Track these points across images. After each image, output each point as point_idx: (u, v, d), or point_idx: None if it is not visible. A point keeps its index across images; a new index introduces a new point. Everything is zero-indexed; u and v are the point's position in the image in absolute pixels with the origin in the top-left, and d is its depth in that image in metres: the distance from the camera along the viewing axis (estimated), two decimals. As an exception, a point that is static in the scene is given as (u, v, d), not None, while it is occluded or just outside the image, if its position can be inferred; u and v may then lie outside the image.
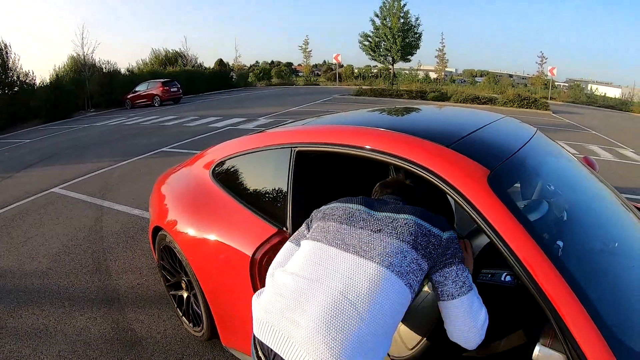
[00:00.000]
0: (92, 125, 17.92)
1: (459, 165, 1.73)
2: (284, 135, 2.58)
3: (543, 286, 1.41)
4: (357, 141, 2.04)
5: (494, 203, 1.59)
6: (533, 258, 1.46)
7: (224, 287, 2.52)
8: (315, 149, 2.25)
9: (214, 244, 2.51)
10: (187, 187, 3.10)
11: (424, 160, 1.78)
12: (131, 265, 4.27)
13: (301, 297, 1.38)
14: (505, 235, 1.51)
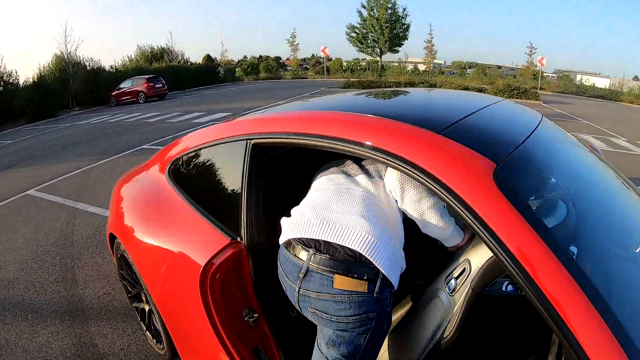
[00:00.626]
0: (75, 124, 17.65)
1: (454, 157, 1.39)
2: (239, 125, 2.23)
3: (578, 335, 1.06)
4: (319, 129, 1.73)
5: (503, 208, 1.24)
6: (561, 290, 1.12)
7: (177, 304, 2.21)
8: (273, 140, 1.91)
9: (164, 255, 2.23)
10: (142, 190, 2.83)
11: (402, 150, 1.45)
12: (99, 273, 4.05)
13: (337, 196, 1.65)
14: (522, 258, 1.17)
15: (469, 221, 1.27)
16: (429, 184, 1.37)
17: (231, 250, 1.90)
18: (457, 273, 1.65)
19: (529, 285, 1.14)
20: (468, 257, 1.63)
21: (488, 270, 1.55)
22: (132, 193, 2.91)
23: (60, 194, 6.83)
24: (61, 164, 9.35)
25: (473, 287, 1.57)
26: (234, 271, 1.90)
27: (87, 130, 15.19)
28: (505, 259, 1.19)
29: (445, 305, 1.67)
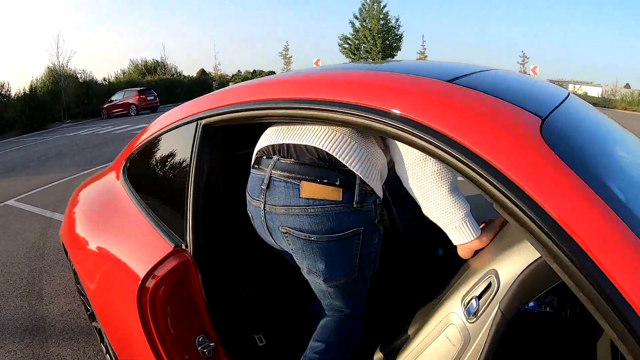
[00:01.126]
0: (65, 135, 17.52)
1: (484, 111, 1.01)
2: (192, 105, 1.78)
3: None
4: (308, 92, 1.30)
5: (559, 169, 0.86)
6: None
7: (120, 327, 1.81)
8: (233, 115, 1.47)
9: (105, 267, 1.93)
10: (96, 193, 2.55)
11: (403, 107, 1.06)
12: (66, 287, 3.77)
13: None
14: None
15: (508, 203, 0.87)
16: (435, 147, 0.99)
17: (175, 261, 1.51)
18: (480, 290, 1.16)
19: (604, 294, 0.76)
20: (494, 268, 1.14)
21: (526, 285, 1.08)
22: (86, 197, 2.62)
23: (38, 205, 6.65)
24: (44, 175, 9.18)
25: (503, 309, 1.11)
26: (180, 287, 1.52)
27: (76, 142, 15.05)
28: (563, 251, 0.80)
29: (463, 337, 1.18)
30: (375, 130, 1.10)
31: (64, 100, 25.98)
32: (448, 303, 1.23)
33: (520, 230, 0.87)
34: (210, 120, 1.54)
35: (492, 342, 1.12)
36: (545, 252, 0.83)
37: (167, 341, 1.49)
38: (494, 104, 1.04)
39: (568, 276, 0.81)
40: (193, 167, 1.54)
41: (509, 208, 0.86)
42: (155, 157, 2.03)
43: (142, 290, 1.50)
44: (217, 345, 1.53)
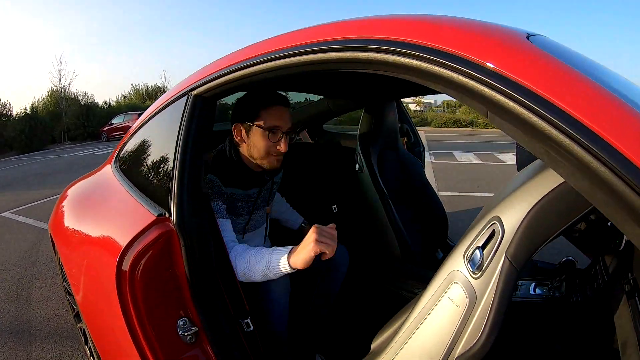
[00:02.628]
0: (63, 156, 17.51)
1: (479, 30, 0.92)
2: (184, 81, 1.70)
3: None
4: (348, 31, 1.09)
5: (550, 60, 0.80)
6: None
7: (99, 311, 1.67)
8: (222, 80, 1.40)
9: (86, 247, 1.84)
10: (87, 184, 2.50)
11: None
12: (55, 294, 3.70)
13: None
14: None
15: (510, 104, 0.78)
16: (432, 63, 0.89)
17: (158, 230, 1.41)
18: (483, 240, 1.06)
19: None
20: (497, 215, 1.06)
21: (533, 228, 0.99)
22: (77, 189, 2.57)
23: (33, 217, 6.63)
24: (41, 190, 9.19)
25: (511, 257, 1.01)
26: (161, 260, 1.42)
27: (75, 161, 15.04)
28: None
29: (469, 297, 1.05)
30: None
31: (64, 121, 26.05)
32: (449, 261, 1.12)
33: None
34: (201, 90, 1.49)
35: (502, 298, 1.01)
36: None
37: (146, 323, 1.39)
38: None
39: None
40: (181, 138, 1.48)
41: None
42: (145, 139, 1.98)
43: (121, 264, 1.41)
44: (200, 330, 1.44)
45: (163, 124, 1.77)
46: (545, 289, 1.79)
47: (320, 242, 1.41)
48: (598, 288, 1.55)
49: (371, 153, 2.66)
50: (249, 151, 1.80)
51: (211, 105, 1.54)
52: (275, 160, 1.80)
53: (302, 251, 1.44)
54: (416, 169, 3.02)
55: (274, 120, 1.73)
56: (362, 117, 2.75)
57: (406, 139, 3.31)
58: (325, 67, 1.13)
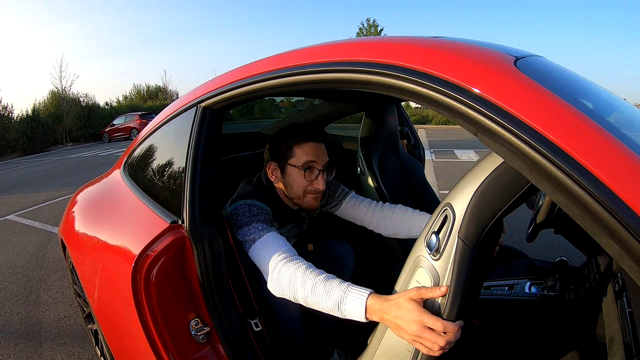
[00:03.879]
0: (66, 157, 17.58)
1: (469, 55, 1.00)
2: (192, 92, 1.78)
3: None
4: (341, 54, 1.19)
5: (532, 87, 0.88)
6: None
7: (114, 314, 1.76)
8: (229, 94, 1.48)
9: (101, 253, 1.91)
10: (97, 190, 2.56)
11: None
12: (63, 295, 3.75)
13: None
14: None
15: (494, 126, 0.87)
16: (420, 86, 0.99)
17: (171, 237, 1.50)
18: (438, 225, 1.16)
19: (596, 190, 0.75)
20: (449, 202, 1.16)
21: (479, 207, 1.10)
22: (87, 195, 2.63)
23: (38, 219, 6.65)
24: (46, 192, 9.23)
25: (463, 237, 1.11)
26: (175, 266, 1.51)
27: (77, 162, 15.11)
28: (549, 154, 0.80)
29: (432, 277, 1.15)
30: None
31: (66, 123, 26.15)
32: (414, 249, 1.23)
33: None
34: (210, 102, 1.56)
35: (459, 275, 1.11)
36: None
37: (161, 324, 1.48)
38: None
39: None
40: (192, 148, 1.55)
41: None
42: (155, 146, 2.05)
43: (137, 269, 1.48)
44: (211, 330, 1.53)
45: (173, 133, 1.83)
46: (539, 288, 1.85)
47: (422, 339, 1.10)
48: (590, 287, 1.62)
49: (372, 156, 2.72)
50: (286, 191, 1.78)
51: (219, 117, 1.61)
52: (313, 199, 1.76)
53: (394, 322, 1.14)
54: (416, 171, 3.09)
55: (309, 156, 1.69)
56: (363, 121, 2.80)
57: (406, 142, 3.36)
58: (326, 86, 1.23)
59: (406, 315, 1.10)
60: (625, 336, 1.15)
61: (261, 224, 1.55)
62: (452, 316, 1.10)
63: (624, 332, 1.17)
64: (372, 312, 1.18)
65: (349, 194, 2.01)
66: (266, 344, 1.63)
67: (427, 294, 1.12)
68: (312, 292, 1.29)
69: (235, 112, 12.45)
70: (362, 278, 2.49)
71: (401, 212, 1.90)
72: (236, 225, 1.57)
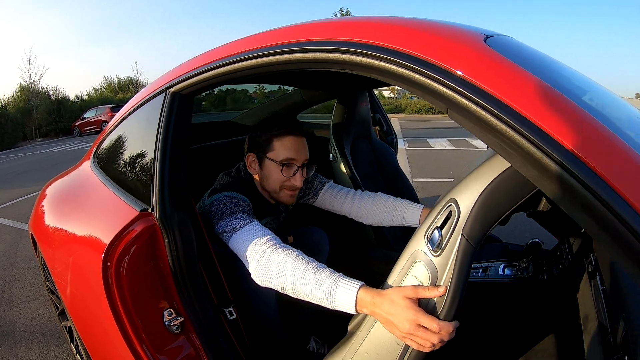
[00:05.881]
0: (36, 153, 17.22)
1: (440, 33, 1.01)
2: (161, 77, 1.74)
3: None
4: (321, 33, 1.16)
5: (503, 63, 0.90)
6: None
7: (86, 307, 1.71)
8: (199, 77, 1.45)
9: (71, 246, 1.87)
10: (66, 182, 2.52)
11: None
12: (37, 294, 3.69)
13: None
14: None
15: (463, 102, 0.88)
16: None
17: (141, 226, 1.47)
18: (441, 221, 1.14)
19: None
20: (453, 197, 1.14)
21: (485, 207, 1.08)
22: (57, 188, 2.58)
23: (9, 217, 6.50)
24: (15, 189, 9.02)
25: (467, 235, 1.09)
26: (146, 255, 1.48)
27: (47, 158, 14.84)
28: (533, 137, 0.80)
29: (431, 273, 1.12)
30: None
31: (35, 118, 25.55)
32: (413, 242, 1.19)
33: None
34: (179, 87, 1.53)
35: (460, 273, 1.09)
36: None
37: (134, 316, 1.46)
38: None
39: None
40: (161, 134, 1.52)
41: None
42: (124, 135, 2.02)
43: (107, 260, 1.46)
44: (185, 319, 1.51)
45: (141, 121, 1.80)
46: (513, 270, 1.88)
47: (414, 337, 1.09)
48: (563, 268, 1.64)
49: (344, 143, 2.73)
50: (262, 183, 1.77)
51: (189, 102, 1.59)
52: (289, 195, 1.75)
53: (386, 318, 1.13)
54: (389, 157, 3.12)
55: (289, 152, 1.67)
56: (335, 107, 2.81)
57: (379, 128, 3.38)
58: (298, 66, 1.21)
59: (400, 312, 1.09)
60: (600, 314, 1.17)
61: (243, 214, 1.53)
62: (449, 316, 1.09)
63: (598, 311, 1.19)
64: (363, 305, 1.16)
65: (327, 184, 2.00)
66: (241, 332, 1.62)
67: (424, 293, 1.09)
68: (302, 280, 1.26)
69: (208, 103, 12.31)
70: (338, 264, 2.51)
71: (382, 201, 1.89)
72: (216, 217, 1.54)
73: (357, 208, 1.92)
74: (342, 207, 1.95)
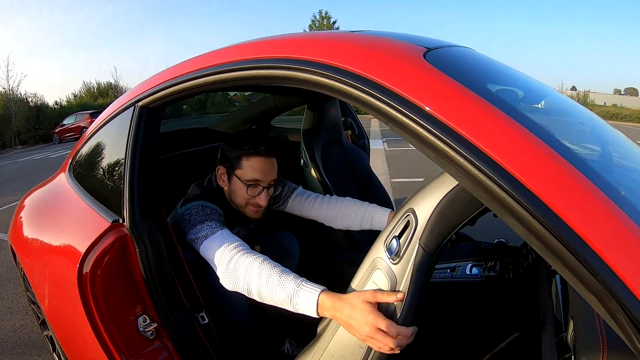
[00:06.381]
0: (16, 161, 16.94)
1: (377, 48, 1.09)
2: (131, 91, 1.83)
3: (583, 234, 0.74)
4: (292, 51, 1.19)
5: (440, 79, 0.96)
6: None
7: (65, 316, 1.76)
8: (167, 91, 1.52)
9: (48, 257, 1.93)
10: (42, 193, 2.57)
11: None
12: (19, 304, 3.71)
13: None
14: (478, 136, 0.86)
15: (402, 119, 0.94)
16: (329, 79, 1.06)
17: (113, 236, 1.53)
18: (399, 230, 1.17)
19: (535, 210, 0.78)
20: (412, 207, 1.17)
21: (442, 217, 1.12)
22: (34, 199, 2.62)
23: (-12, 228, 6.39)
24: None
25: (423, 245, 1.12)
26: (119, 264, 1.55)
27: (27, 166, 14.65)
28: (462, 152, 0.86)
29: (390, 280, 1.16)
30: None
31: (14, 125, 25.12)
32: (373, 250, 1.23)
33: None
34: (146, 101, 1.60)
35: (417, 282, 1.13)
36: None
37: (110, 324, 1.52)
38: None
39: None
40: (130, 148, 1.58)
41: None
42: (97, 147, 2.07)
43: (81, 271, 1.52)
44: (159, 325, 1.58)
45: (112, 134, 1.86)
46: (481, 269, 1.94)
47: (373, 340, 1.13)
48: (528, 266, 1.71)
49: (315, 148, 2.78)
50: (230, 196, 1.81)
51: (156, 115, 1.66)
52: (254, 212, 1.79)
53: (347, 321, 1.17)
54: (361, 161, 3.17)
55: (256, 173, 1.71)
56: (305, 113, 2.86)
57: (350, 132, 3.43)
58: (251, 82, 1.28)
59: (359, 316, 1.13)
60: (557, 313, 1.22)
61: (215, 222, 1.58)
62: (407, 321, 1.14)
63: (555, 310, 1.25)
64: (324, 309, 1.21)
65: (295, 191, 2.04)
66: (214, 336, 1.69)
67: (382, 297, 1.14)
68: (267, 283, 1.31)
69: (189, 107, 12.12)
70: (309, 268, 2.56)
71: (350, 205, 1.92)
72: (189, 224, 1.59)
73: (325, 213, 1.96)
74: (311, 212, 2.00)
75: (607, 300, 0.72)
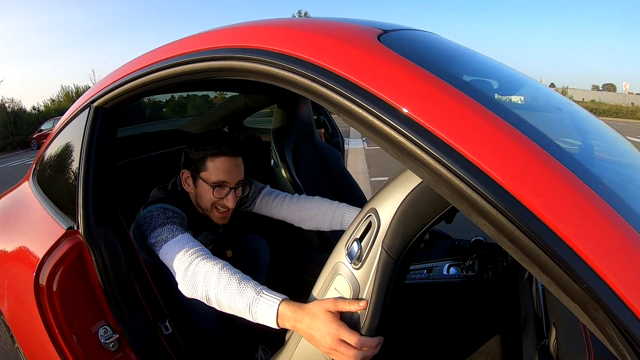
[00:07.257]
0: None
1: (328, 33, 1.00)
2: (86, 92, 1.73)
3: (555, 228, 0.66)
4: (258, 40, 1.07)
5: (397, 61, 0.88)
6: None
7: (27, 327, 1.66)
8: (121, 89, 1.43)
9: (8, 266, 1.85)
10: (7, 200, 2.45)
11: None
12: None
13: None
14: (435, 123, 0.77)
15: (357, 110, 0.86)
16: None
17: (68, 245, 1.44)
18: (360, 232, 1.07)
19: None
20: (374, 207, 1.07)
21: (406, 217, 1.02)
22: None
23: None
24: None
25: (387, 248, 1.03)
26: (75, 273, 1.47)
27: (3, 173, 14.49)
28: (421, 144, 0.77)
29: (352, 286, 1.07)
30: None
31: (-10, 132, 24.85)
32: (334, 254, 1.14)
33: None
34: (101, 102, 1.52)
35: (380, 287, 1.04)
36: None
37: (69, 336, 1.44)
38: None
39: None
40: (84, 151, 1.50)
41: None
42: (55, 152, 1.99)
43: (37, 281, 1.44)
44: (120, 336, 1.49)
45: (68, 138, 1.78)
46: (459, 269, 1.89)
47: (336, 352, 1.06)
48: (508, 265, 1.67)
49: (285, 147, 2.71)
50: (196, 200, 1.73)
51: (113, 116, 1.57)
52: (219, 218, 1.73)
53: (308, 333, 1.10)
54: (334, 160, 3.10)
55: (221, 174, 1.64)
56: (275, 112, 2.79)
57: (324, 130, 3.39)
58: (214, 75, 1.18)
59: (321, 327, 1.05)
60: (537, 317, 1.17)
61: (176, 226, 1.50)
62: (371, 331, 1.05)
63: (536, 313, 1.19)
64: (285, 319, 1.13)
65: (263, 190, 1.96)
66: (179, 346, 1.61)
67: (344, 306, 1.06)
68: (225, 290, 1.23)
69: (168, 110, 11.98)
70: (281, 271, 2.50)
71: (319, 205, 1.84)
72: (149, 227, 1.51)
73: (294, 213, 1.88)
74: (280, 213, 1.91)
75: (592, 309, 0.64)
